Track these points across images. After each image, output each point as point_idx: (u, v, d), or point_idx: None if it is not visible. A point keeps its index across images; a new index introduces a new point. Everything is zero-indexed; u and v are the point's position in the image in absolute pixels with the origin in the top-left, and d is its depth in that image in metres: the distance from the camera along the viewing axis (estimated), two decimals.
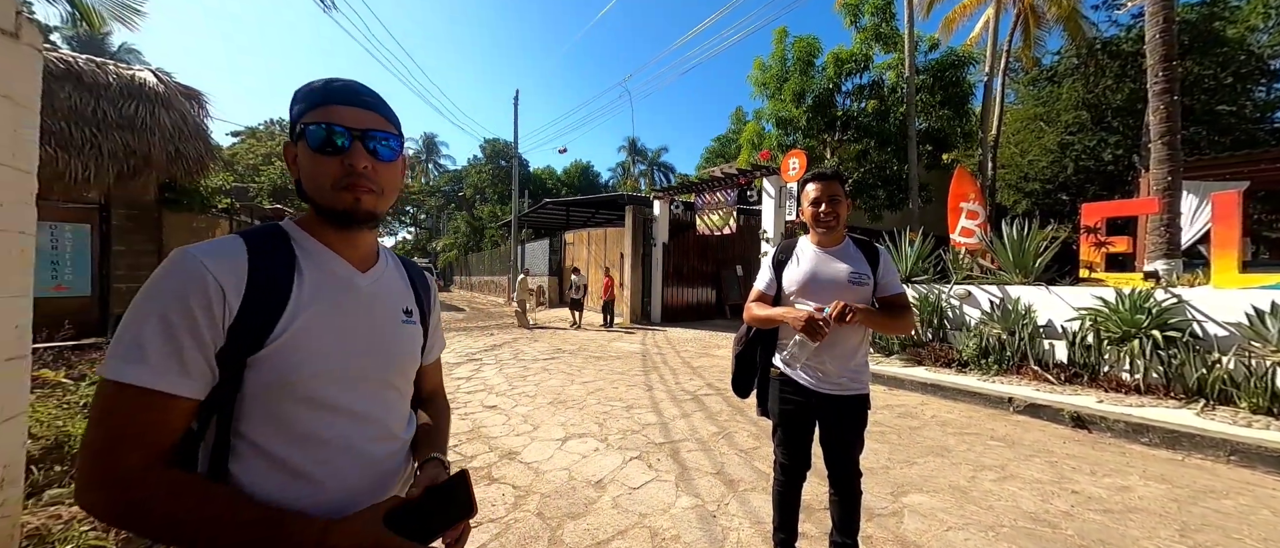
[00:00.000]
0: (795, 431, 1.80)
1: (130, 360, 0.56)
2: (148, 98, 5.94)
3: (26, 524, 1.87)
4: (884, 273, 1.75)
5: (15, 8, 1.57)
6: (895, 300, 1.78)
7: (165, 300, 0.59)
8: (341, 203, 0.67)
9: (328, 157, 0.66)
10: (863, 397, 1.75)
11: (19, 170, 1.61)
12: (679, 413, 4.29)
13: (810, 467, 1.85)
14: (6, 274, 1.56)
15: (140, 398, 0.57)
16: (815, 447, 1.82)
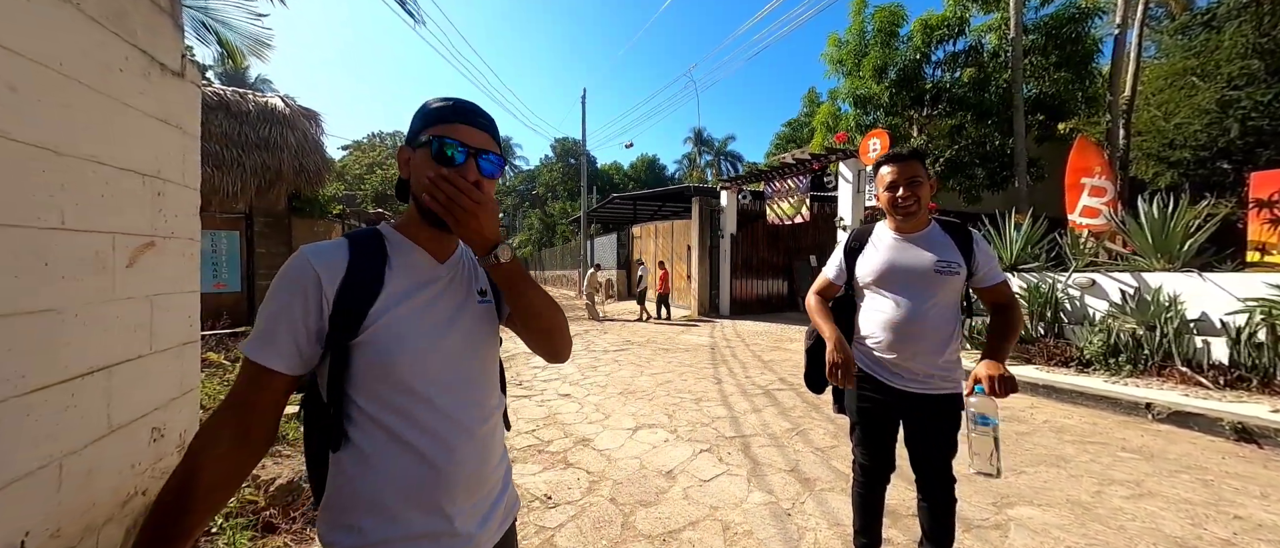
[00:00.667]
0: (875, 430, 1.68)
1: (256, 339, 0.69)
2: (278, 121, 6.91)
3: None
4: (982, 261, 1.56)
5: (181, 52, 1.90)
6: (998, 293, 1.58)
7: (281, 293, 0.70)
8: None
9: (445, 168, 0.72)
10: (954, 396, 1.58)
11: (188, 188, 1.95)
12: (749, 408, 4.20)
13: (894, 468, 1.72)
14: (182, 275, 1.91)
15: (250, 369, 0.69)
16: (901, 448, 1.68)
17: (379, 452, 0.71)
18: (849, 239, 1.74)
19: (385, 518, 0.71)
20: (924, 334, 1.53)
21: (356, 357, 0.71)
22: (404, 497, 0.71)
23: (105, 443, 1.49)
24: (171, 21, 1.85)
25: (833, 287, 1.76)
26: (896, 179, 1.54)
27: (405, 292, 0.75)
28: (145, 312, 1.68)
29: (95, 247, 1.45)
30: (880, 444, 1.68)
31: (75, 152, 1.37)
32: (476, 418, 0.79)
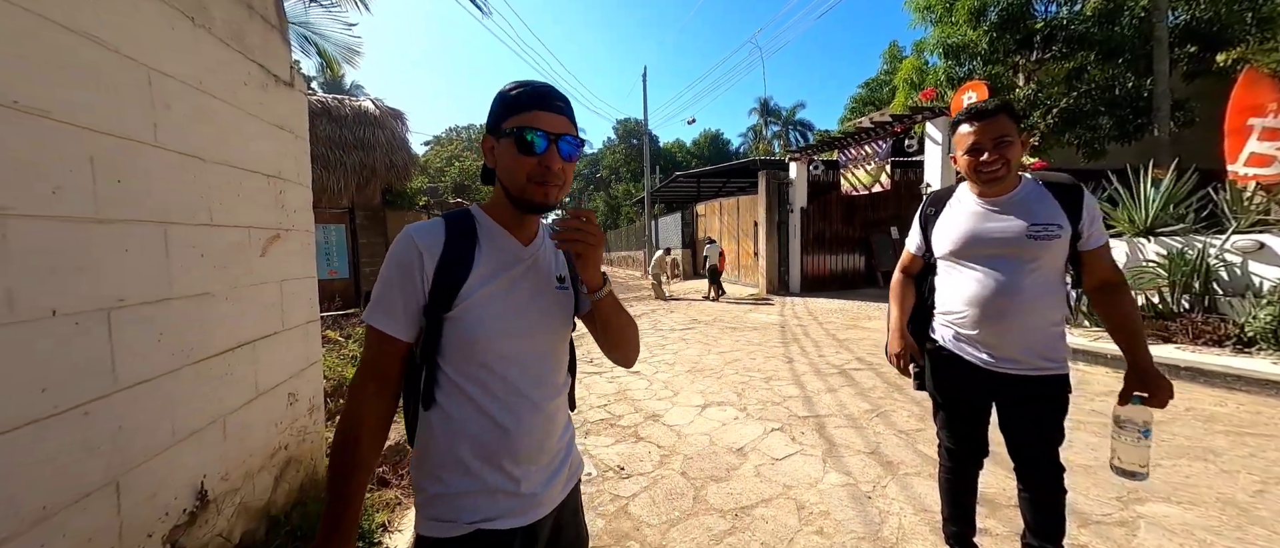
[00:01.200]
0: (960, 413, 1.53)
1: (376, 309, 0.79)
2: (370, 122, 7.59)
3: (328, 440, 2.65)
4: (1088, 221, 1.33)
5: (290, 64, 2.13)
6: (1101, 263, 1.36)
7: (391, 268, 0.79)
8: (534, 195, 0.79)
9: (527, 156, 0.77)
10: (1058, 379, 1.37)
11: (302, 186, 2.21)
12: (824, 387, 4.03)
13: (986, 453, 1.57)
14: (302, 263, 2.18)
15: (374, 334, 0.78)
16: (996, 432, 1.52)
17: (461, 414, 0.79)
18: (924, 206, 1.57)
19: (463, 472, 0.79)
20: (1018, 311, 1.34)
21: (447, 330, 0.78)
22: (479, 456, 0.79)
23: (254, 405, 1.78)
24: (280, 36, 2.08)
25: (915, 261, 1.63)
26: (980, 140, 1.33)
27: (492, 274, 0.81)
28: (276, 295, 1.95)
29: (236, 239, 1.70)
30: (967, 428, 1.54)
31: (215, 157, 1.60)
32: (545, 394, 0.85)
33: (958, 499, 1.65)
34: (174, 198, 1.40)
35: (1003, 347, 1.38)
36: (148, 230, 1.30)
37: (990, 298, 1.37)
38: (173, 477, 1.37)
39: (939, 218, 1.50)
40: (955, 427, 1.56)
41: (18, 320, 0.96)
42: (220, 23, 1.65)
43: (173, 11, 1.42)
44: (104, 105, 1.18)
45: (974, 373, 1.44)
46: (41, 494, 1.00)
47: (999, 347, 1.38)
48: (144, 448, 1.26)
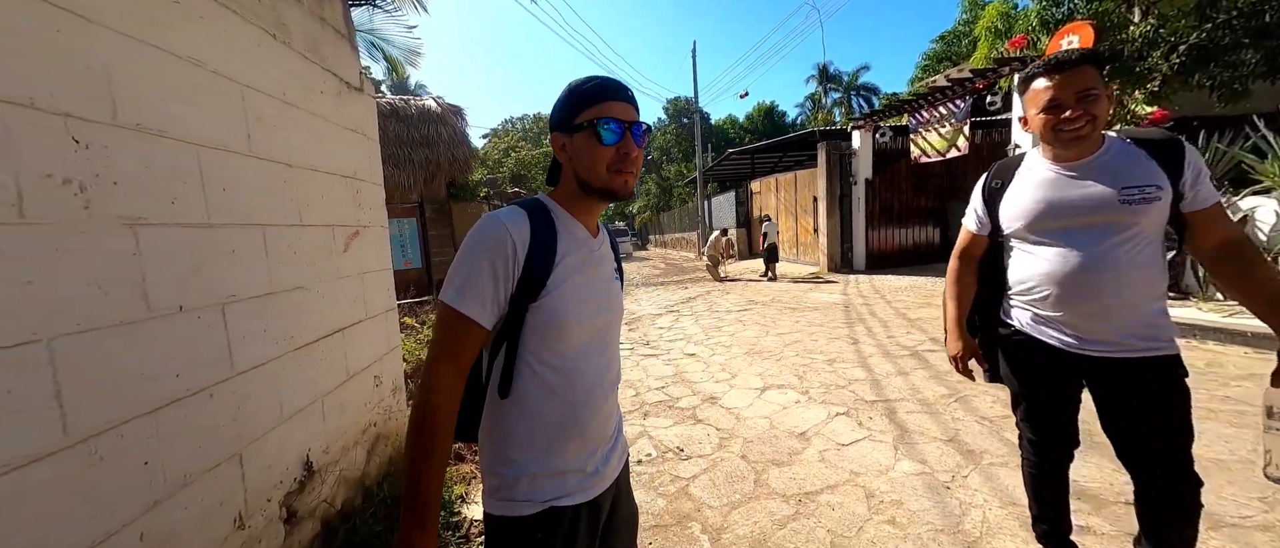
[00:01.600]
0: (1045, 405, 1.38)
1: (458, 293, 0.76)
2: (433, 120, 8.00)
3: None
4: (1192, 178, 1.14)
5: (359, 70, 2.27)
6: (1213, 220, 1.15)
7: (479, 253, 0.77)
8: (615, 184, 0.82)
9: (607, 146, 0.80)
10: (1166, 360, 1.18)
11: (376, 185, 2.38)
12: (893, 370, 3.80)
13: (1077, 445, 1.41)
14: (378, 257, 2.36)
15: (457, 319, 0.76)
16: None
17: (538, 400, 0.82)
18: (988, 177, 1.40)
19: (535, 454, 0.82)
20: (1110, 287, 1.17)
21: (530, 317, 0.80)
22: (553, 439, 0.82)
23: (347, 386, 1.96)
24: (349, 45, 2.22)
25: (977, 241, 1.45)
26: (1060, 95, 1.15)
27: (574, 264, 0.83)
28: (359, 286, 2.13)
29: (322, 237, 1.86)
30: (1050, 417, 1.39)
31: (301, 163, 1.75)
32: (611, 378, 0.91)
33: (1044, 495, 1.49)
34: (268, 202, 1.55)
35: (1092, 328, 1.22)
36: (249, 233, 1.45)
37: (1074, 274, 1.21)
38: (284, 450, 1.55)
39: (1007, 190, 1.34)
40: (1037, 417, 1.41)
41: (154, 316, 1.11)
42: (298, 37, 1.78)
43: (258, 31, 1.56)
44: (208, 122, 1.31)
45: (1057, 357, 1.29)
46: (183, 464, 1.17)
47: (1087, 327, 1.23)
48: (260, 424, 1.44)
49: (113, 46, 1.06)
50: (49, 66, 0.93)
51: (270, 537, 1.45)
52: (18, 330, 0.85)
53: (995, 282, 1.44)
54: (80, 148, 0.97)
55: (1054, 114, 1.18)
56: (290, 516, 1.55)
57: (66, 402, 0.91)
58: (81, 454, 0.94)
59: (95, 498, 0.96)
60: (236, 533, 1.32)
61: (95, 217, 0.99)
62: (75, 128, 0.97)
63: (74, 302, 0.94)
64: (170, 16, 1.21)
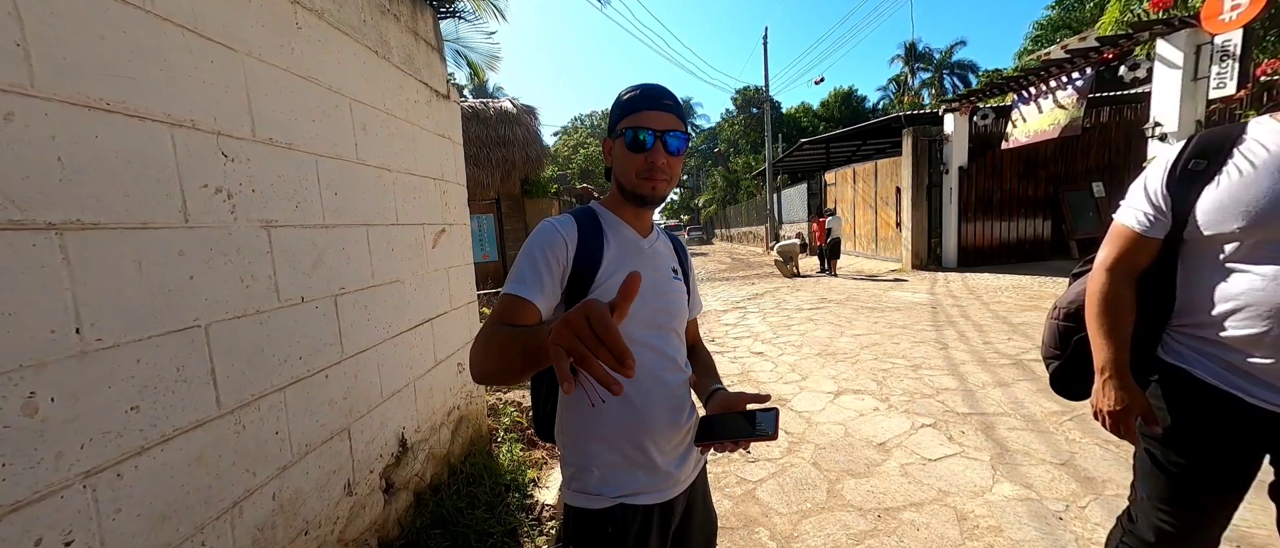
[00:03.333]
0: (1209, 483, 0.99)
1: (515, 282, 0.80)
2: (509, 120, 8.45)
3: (488, 403, 3.10)
4: None
5: (446, 79, 2.44)
6: None
7: (535, 249, 0.83)
8: (643, 189, 0.86)
9: (637, 153, 0.84)
10: None
11: (460, 185, 2.55)
12: (991, 380, 3.42)
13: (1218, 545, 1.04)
14: (462, 253, 2.53)
15: (511, 300, 0.78)
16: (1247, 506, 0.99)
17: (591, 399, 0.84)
18: (1184, 155, 0.97)
19: (607, 446, 0.86)
20: None
21: None
22: (619, 432, 0.86)
23: (435, 371, 2.14)
24: (438, 55, 2.39)
25: (1145, 246, 1.01)
26: None
27: (620, 263, 0.87)
28: (445, 280, 2.30)
29: (414, 235, 2.03)
30: (1211, 506, 1.01)
31: (398, 167, 1.92)
32: (672, 374, 0.91)
33: None
34: (372, 204, 1.72)
35: None
36: (356, 232, 1.61)
37: None
38: (384, 427, 1.72)
39: (1222, 174, 0.92)
40: (1189, 506, 1.01)
41: (283, 305, 1.27)
42: (396, 51, 1.95)
43: (364, 49, 1.72)
44: (324, 133, 1.48)
45: (1253, 419, 0.93)
46: (305, 435, 1.34)
47: None
48: (365, 402, 1.61)
49: (252, 71, 1.22)
50: (205, 92, 1.09)
51: (372, 505, 1.63)
52: (184, 317, 1.01)
53: (1153, 304, 1.05)
54: (227, 161, 1.14)
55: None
56: (388, 487, 1.72)
57: (219, 379, 1.08)
58: (230, 423, 1.10)
59: (241, 461, 1.13)
60: (346, 499, 1.49)
61: (239, 221, 1.16)
62: (224, 144, 1.13)
63: (224, 294, 1.11)
64: (295, 42, 1.37)
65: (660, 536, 0.88)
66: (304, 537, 1.31)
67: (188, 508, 0.99)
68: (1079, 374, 1.15)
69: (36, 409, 0.76)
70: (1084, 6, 14.58)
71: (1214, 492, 1.01)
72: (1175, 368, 1.03)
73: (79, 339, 0.82)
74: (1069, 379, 1.20)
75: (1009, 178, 9.77)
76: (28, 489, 0.74)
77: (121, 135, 0.91)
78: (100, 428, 0.84)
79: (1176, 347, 1.03)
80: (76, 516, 0.80)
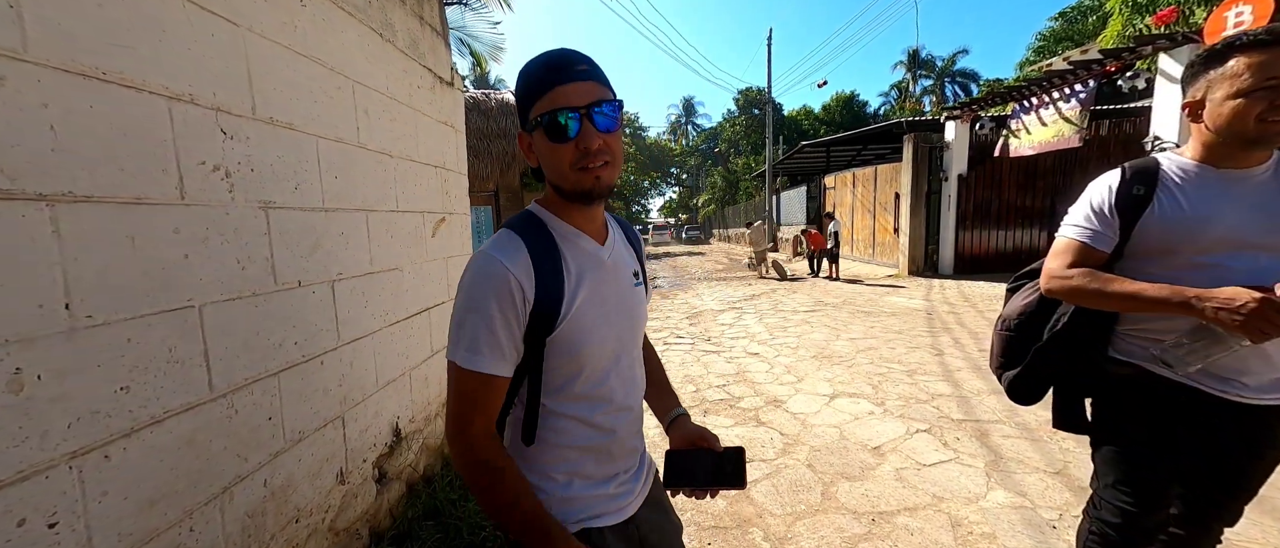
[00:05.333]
0: (1164, 464, 1.12)
1: (470, 351, 0.67)
2: (511, 112, 8.37)
3: None
4: None
5: (451, 66, 2.40)
6: None
7: (485, 302, 0.67)
8: (584, 183, 0.69)
9: (562, 143, 0.67)
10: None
11: (461, 174, 2.52)
12: (986, 388, 3.43)
13: (1169, 525, 1.19)
14: (461, 242, 2.51)
15: (478, 380, 0.68)
16: None
17: (568, 434, 0.77)
18: (1125, 181, 1.12)
19: (574, 473, 0.78)
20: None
21: (549, 352, 0.73)
22: (583, 462, 0.79)
23: (431, 361, 2.11)
24: (443, 42, 2.35)
25: (1093, 257, 1.14)
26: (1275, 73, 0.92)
27: (584, 284, 0.74)
28: (443, 269, 2.28)
29: (414, 223, 2.00)
30: (1164, 485, 1.15)
31: (400, 153, 1.89)
32: (635, 396, 0.85)
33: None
34: (372, 189, 1.69)
35: (1247, 369, 1.03)
36: (356, 217, 1.59)
37: None
38: (379, 416, 1.70)
39: (1157, 199, 1.08)
40: (1146, 486, 1.14)
41: (279, 289, 1.25)
42: (401, 36, 1.92)
43: (368, 31, 1.69)
44: (325, 115, 1.45)
45: (1208, 407, 1.06)
46: (298, 422, 1.31)
47: (1262, 372, 1.03)
48: (360, 391, 1.58)
49: (254, 47, 1.19)
50: (206, 67, 1.06)
51: (365, 494, 1.60)
52: (177, 297, 0.98)
53: (1100, 313, 1.17)
54: (227, 139, 1.11)
55: (1266, 97, 0.94)
56: (381, 477, 1.70)
57: (212, 361, 1.05)
58: (222, 407, 1.08)
59: (232, 445, 1.10)
60: (338, 488, 1.47)
61: (237, 200, 1.13)
62: (224, 121, 1.10)
63: (219, 274, 1.08)
64: (299, 19, 1.34)
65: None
66: (295, 525, 1.28)
67: (177, 493, 0.97)
68: (1034, 380, 1.29)
69: (22, 387, 0.73)
70: (1087, 20, 14.65)
71: (1165, 473, 1.14)
72: (1127, 363, 1.16)
73: (68, 316, 0.79)
74: (1026, 385, 1.31)
75: (1007, 188, 9.82)
76: (11, 468, 0.72)
77: (117, 106, 0.88)
78: (88, 408, 0.82)
79: (1126, 345, 1.16)
80: (61, 497, 0.78)
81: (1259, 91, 0.95)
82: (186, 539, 0.98)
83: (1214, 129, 1.03)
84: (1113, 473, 1.19)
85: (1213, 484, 1.13)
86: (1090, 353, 1.20)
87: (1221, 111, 1.01)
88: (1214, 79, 1.02)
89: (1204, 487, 1.14)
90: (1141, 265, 1.11)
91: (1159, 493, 1.15)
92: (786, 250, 12.28)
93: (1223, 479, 1.12)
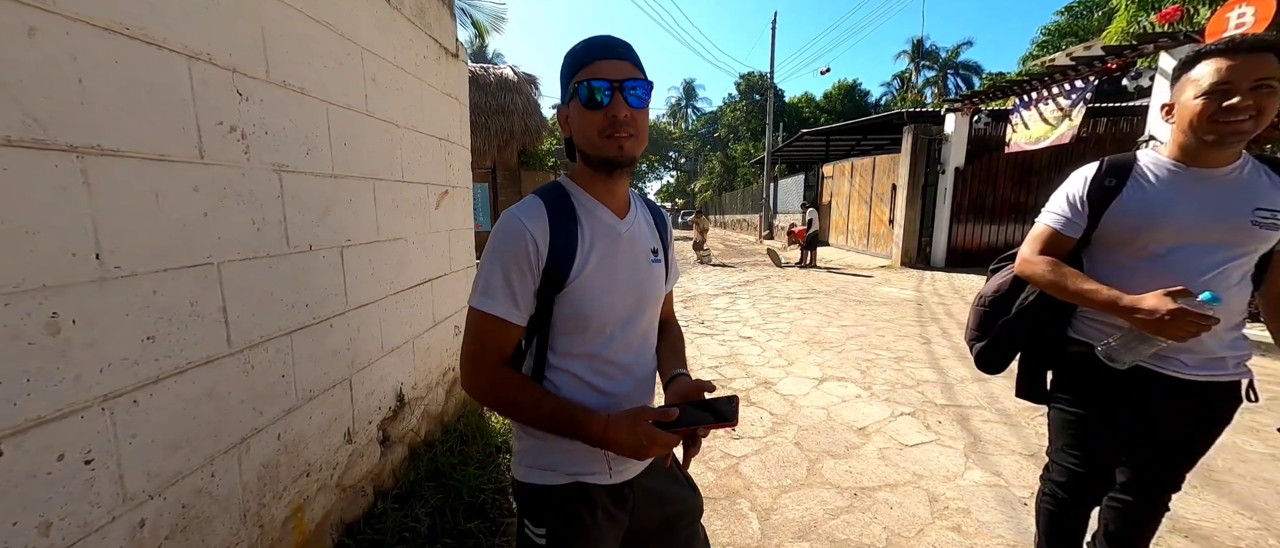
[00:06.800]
0: (1108, 431, 1.27)
1: (486, 296, 0.75)
2: (509, 88, 8.27)
3: None
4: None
5: (455, 36, 2.39)
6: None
7: (504, 254, 0.75)
8: (609, 151, 0.75)
9: (594, 110, 0.74)
10: (1234, 385, 1.17)
11: (464, 148, 2.53)
12: (969, 375, 3.54)
13: (1114, 484, 1.32)
14: (463, 216, 2.52)
15: (491, 322, 0.75)
16: None
17: (566, 385, 0.82)
18: (1100, 173, 1.21)
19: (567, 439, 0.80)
20: (1229, 309, 1.12)
21: (557, 309, 0.79)
22: None
23: (433, 331, 2.16)
24: (449, 12, 2.33)
25: (1062, 243, 1.24)
26: (1231, 79, 1.01)
27: (596, 250, 0.80)
28: (445, 242, 2.30)
29: (419, 194, 2.02)
30: (1108, 451, 1.30)
31: (406, 123, 1.89)
32: (643, 365, 0.88)
33: (1067, 541, 1.40)
34: (379, 158, 1.71)
35: (1206, 350, 1.15)
36: (363, 185, 1.60)
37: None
38: (383, 380, 1.75)
39: (1125, 191, 1.18)
40: (1091, 448, 1.30)
41: (292, 252, 1.28)
42: (408, 3, 1.90)
43: None
44: (335, 81, 1.45)
45: (1147, 381, 1.18)
46: (309, 381, 1.35)
47: (1201, 351, 1.15)
48: (366, 355, 1.63)
49: (266, 8, 1.19)
50: (223, 27, 1.07)
51: (370, 455, 1.66)
52: (197, 253, 1.01)
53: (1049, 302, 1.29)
54: (242, 100, 1.12)
55: (1216, 100, 1.04)
56: (385, 439, 1.76)
57: (230, 318, 1.09)
58: (239, 362, 1.12)
59: (249, 399, 1.15)
60: (345, 447, 1.52)
61: (253, 162, 1.15)
62: (239, 83, 1.11)
63: (236, 234, 1.11)
64: None
65: (619, 513, 0.85)
66: (305, 478, 1.34)
67: (198, 440, 1.01)
68: (1001, 351, 1.44)
69: (58, 330, 0.77)
70: (1092, 16, 14.55)
71: (1110, 439, 1.27)
72: (1083, 342, 1.27)
73: (98, 265, 0.82)
74: (993, 355, 1.45)
75: (1002, 183, 9.90)
76: (51, 406, 0.76)
77: (140, 62, 0.89)
78: (118, 354, 0.86)
79: (1083, 327, 1.28)
80: (96, 436, 0.82)
81: (1212, 94, 1.04)
82: (208, 484, 1.03)
83: (1180, 128, 1.12)
84: (1062, 437, 1.34)
85: (1150, 456, 1.25)
86: (1052, 330, 1.32)
87: (1184, 112, 1.10)
88: (1184, 82, 1.11)
89: (1143, 458, 1.26)
90: (1107, 252, 1.22)
91: (1104, 457, 1.29)
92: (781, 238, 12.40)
93: (1159, 451, 1.24)
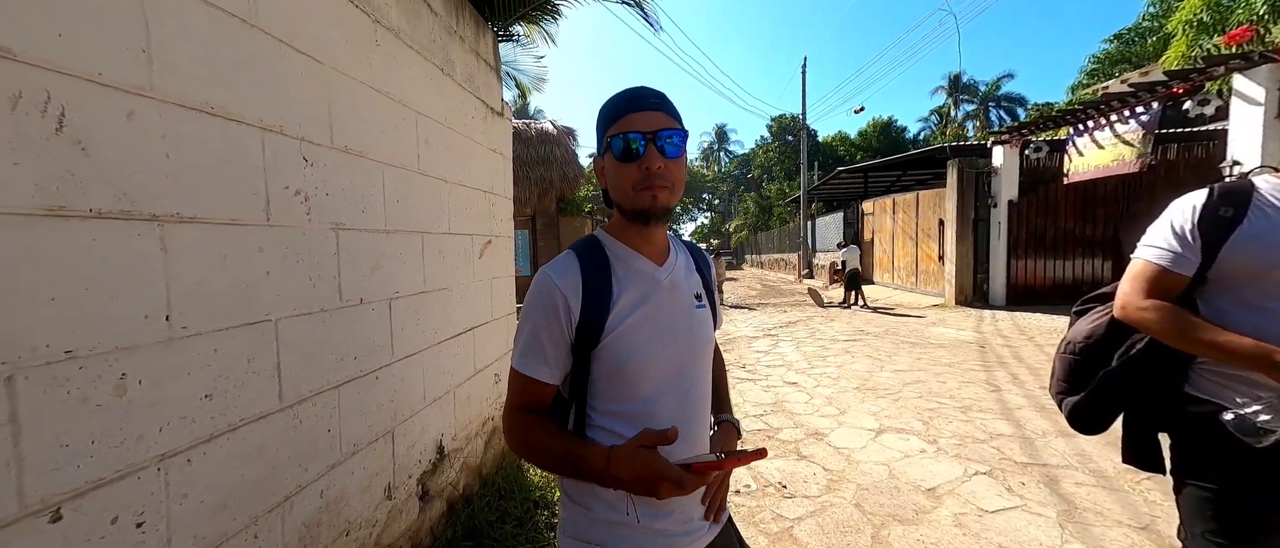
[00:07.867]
0: (1255, 512, 1.01)
1: (520, 355, 0.77)
2: (549, 141, 8.71)
3: None
4: None
5: (501, 97, 2.53)
6: None
7: (534, 313, 0.76)
8: (643, 202, 0.74)
9: (629, 162, 0.74)
10: None
11: (506, 199, 2.62)
12: (1052, 429, 3.16)
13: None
14: (505, 264, 2.58)
15: (521, 380, 0.76)
16: None
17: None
18: (1211, 202, 1.05)
19: (610, 504, 0.76)
20: None
21: (595, 364, 0.76)
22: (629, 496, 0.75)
23: (474, 380, 2.15)
24: (496, 75, 2.49)
25: (1173, 281, 1.07)
26: None
27: (634, 302, 0.77)
28: (488, 290, 2.34)
29: (463, 245, 2.08)
30: (1259, 527, 1.02)
31: (453, 179, 1.98)
32: (692, 419, 0.81)
33: None
34: (427, 213, 1.78)
35: None
36: (412, 239, 1.66)
37: None
38: (424, 432, 1.73)
39: (1247, 222, 1.01)
40: (1240, 528, 1.03)
41: (344, 306, 1.31)
42: (459, 70, 2.04)
43: (431, 66, 1.81)
44: (391, 144, 1.54)
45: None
46: (354, 435, 1.35)
47: None
48: (408, 406, 1.63)
49: (333, 82, 1.29)
50: (294, 101, 1.16)
51: (409, 510, 1.63)
52: (257, 311, 1.05)
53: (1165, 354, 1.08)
54: (307, 165, 1.20)
55: None
56: (424, 494, 1.72)
57: (283, 373, 1.11)
58: (289, 417, 1.13)
59: (295, 455, 1.15)
60: (385, 503, 1.49)
61: (313, 222, 1.21)
62: (305, 150, 1.19)
63: (293, 290, 1.15)
64: (373, 57, 1.45)
65: None
66: (345, 537, 1.31)
67: (245, 499, 1.01)
68: (1102, 407, 1.19)
69: (125, 390, 0.79)
70: (1145, 42, 13.90)
71: (1260, 514, 1.02)
72: (1207, 401, 1.05)
73: (167, 326, 0.86)
74: (1092, 412, 1.21)
75: (1064, 214, 9.28)
76: (111, 468, 0.77)
77: (221, 136, 0.97)
78: (178, 413, 0.88)
79: (1203, 383, 1.06)
80: (149, 498, 0.83)
81: None
82: (250, 545, 1.02)
83: None
84: (1200, 521, 1.07)
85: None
86: (1163, 384, 1.11)
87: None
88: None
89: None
90: (1230, 291, 1.04)
91: (1253, 535, 1.02)
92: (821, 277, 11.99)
93: None
